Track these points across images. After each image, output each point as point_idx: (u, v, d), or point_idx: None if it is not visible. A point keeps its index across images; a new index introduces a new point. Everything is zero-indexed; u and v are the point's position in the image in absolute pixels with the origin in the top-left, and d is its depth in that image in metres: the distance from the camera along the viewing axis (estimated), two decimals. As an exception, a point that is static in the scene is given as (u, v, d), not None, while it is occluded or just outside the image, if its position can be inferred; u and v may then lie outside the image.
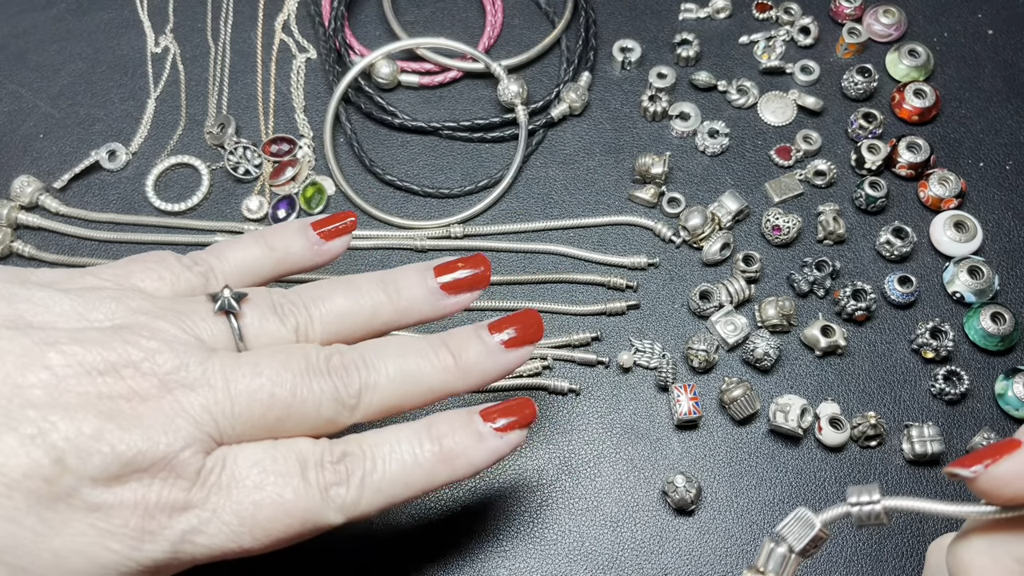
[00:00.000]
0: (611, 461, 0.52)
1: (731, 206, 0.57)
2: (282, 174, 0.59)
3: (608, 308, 0.55)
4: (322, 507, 0.38)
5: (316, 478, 0.38)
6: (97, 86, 0.64)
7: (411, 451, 0.40)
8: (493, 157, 0.61)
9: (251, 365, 0.39)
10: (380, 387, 0.41)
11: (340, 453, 0.39)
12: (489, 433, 0.42)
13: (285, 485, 0.38)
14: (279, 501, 0.37)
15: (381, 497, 0.40)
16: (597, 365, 0.54)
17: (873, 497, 0.35)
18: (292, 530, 0.38)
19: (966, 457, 0.33)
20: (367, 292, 0.43)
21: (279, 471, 0.38)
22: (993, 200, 0.59)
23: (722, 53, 0.64)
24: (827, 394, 0.53)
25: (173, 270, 0.42)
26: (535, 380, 0.53)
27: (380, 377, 0.41)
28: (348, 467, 0.39)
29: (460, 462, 0.41)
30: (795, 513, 0.36)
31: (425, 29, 0.65)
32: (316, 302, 0.42)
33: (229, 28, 0.66)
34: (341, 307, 0.43)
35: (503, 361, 0.43)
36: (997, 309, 0.54)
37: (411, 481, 0.40)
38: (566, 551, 0.50)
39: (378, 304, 0.43)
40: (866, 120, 0.60)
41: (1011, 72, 0.64)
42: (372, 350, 0.42)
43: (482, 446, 0.41)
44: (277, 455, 0.38)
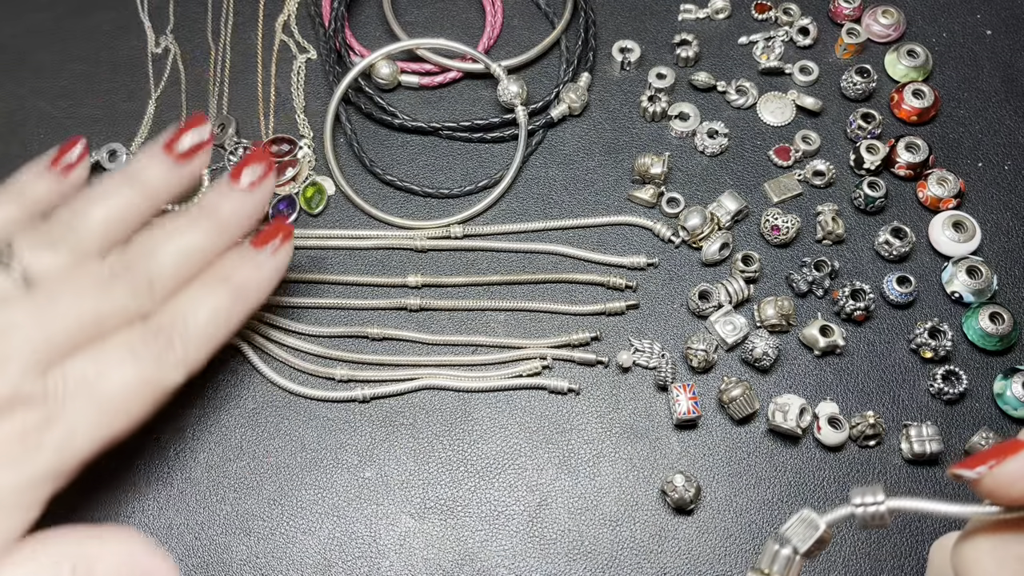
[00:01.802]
0: (610, 460, 0.52)
1: (730, 206, 0.57)
2: (282, 174, 0.59)
3: (607, 308, 0.55)
4: (161, 372, 0.45)
5: (145, 352, 0.44)
6: (98, 86, 0.64)
7: (209, 298, 0.47)
8: (493, 157, 0.61)
9: (47, 297, 0.44)
10: (165, 272, 0.47)
11: (155, 326, 0.45)
12: (264, 258, 0.49)
13: (124, 368, 0.44)
14: (124, 382, 0.43)
15: (203, 343, 0.47)
16: (596, 365, 0.54)
17: (877, 498, 0.35)
18: (147, 401, 0.45)
19: (970, 459, 0.33)
20: (117, 193, 0.48)
21: (114, 359, 0.44)
22: (992, 200, 0.59)
23: (721, 54, 0.64)
24: (826, 394, 0.53)
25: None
26: (535, 380, 0.53)
27: (162, 264, 0.46)
28: (166, 334, 0.45)
29: (250, 290, 0.49)
30: (799, 514, 0.36)
31: (425, 30, 0.66)
32: (77, 221, 0.47)
33: (229, 29, 0.66)
34: (100, 216, 0.47)
35: (254, 200, 0.50)
36: (996, 309, 0.54)
37: (219, 323, 0.47)
38: (566, 550, 0.50)
39: (130, 200, 0.48)
40: (865, 120, 0.60)
41: (1010, 72, 0.64)
42: (145, 242, 0.47)
43: (263, 271, 0.49)
44: (106, 349, 0.44)
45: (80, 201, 0.48)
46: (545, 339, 0.55)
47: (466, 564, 0.49)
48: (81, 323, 0.44)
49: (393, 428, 0.53)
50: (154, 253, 0.47)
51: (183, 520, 0.50)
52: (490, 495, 0.51)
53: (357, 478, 0.52)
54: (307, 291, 0.57)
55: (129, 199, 0.48)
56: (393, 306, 0.56)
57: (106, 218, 0.47)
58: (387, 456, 0.52)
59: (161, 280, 0.46)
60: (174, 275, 0.47)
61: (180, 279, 0.47)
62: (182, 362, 0.46)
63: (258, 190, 0.50)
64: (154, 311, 0.46)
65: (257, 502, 0.51)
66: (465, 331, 0.55)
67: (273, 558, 0.50)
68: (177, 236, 0.47)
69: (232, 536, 0.50)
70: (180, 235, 0.47)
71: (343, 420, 0.53)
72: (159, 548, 0.42)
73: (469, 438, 0.53)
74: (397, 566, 0.49)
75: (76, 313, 0.44)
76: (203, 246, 0.48)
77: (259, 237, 0.50)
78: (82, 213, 0.47)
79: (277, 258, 0.50)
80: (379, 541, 0.50)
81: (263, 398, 0.54)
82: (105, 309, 0.44)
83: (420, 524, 0.50)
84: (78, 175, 0.51)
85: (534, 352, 0.54)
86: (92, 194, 0.48)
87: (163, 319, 0.46)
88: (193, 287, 0.47)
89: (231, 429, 0.53)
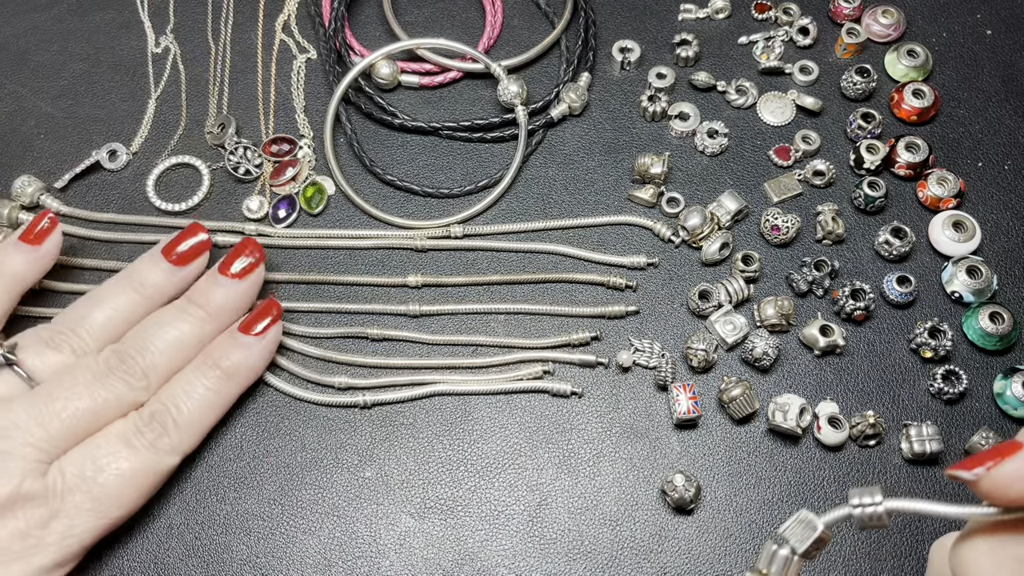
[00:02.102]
0: (610, 460, 0.52)
1: (730, 206, 0.57)
2: (282, 174, 0.59)
3: (607, 312, 0.55)
4: (157, 459, 0.47)
5: (140, 442, 0.47)
6: (98, 86, 0.64)
7: (201, 384, 0.49)
8: (493, 157, 0.61)
9: (46, 394, 0.46)
10: (158, 362, 0.49)
11: (148, 414, 0.47)
12: (253, 341, 0.51)
13: (120, 459, 0.46)
14: (121, 473, 0.46)
15: (197, 428, 0.49)
16: (596, 366, 0.54)
17: (875, 499, 0.35)
18: (144, 488, 0.47)
19: (967, 460, 0.33)
20: (118, 296, 0.50)
21: (108, 452, 0.46)
22: (992, 200, 0.59)
23: (721, 53, 0.64)
24: (826, 393, 0.53)
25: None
26: (536, 383, 0.53)
27: (155, 354, 0.49)
28: (160, 421, 0.47)
29: (242, 372, 0.50)
30: (797, 515, 0.36)
31: (425, 30, 0.66)
32: (79, 323, 0.49)
33: (229, 28, 0.66)
34: (102, 318, 0.50)
35: (242, 291, 0.51)
36: (995, 309, 0.54)
37: (212, 406, 0.49)
38: (566, 550, 0.50)
39: (131, 302, 0.50)
40: (865, 120, 0.60)
41: (1010, 72, 0.64)
42: (138, 336, 0.49)
43: (252, 353, 0.50)
44: (101, 443, 0.46)
45: (84, 305, 0.50)
46: (545, 338, 0.55)
47: (466, 564, 0.49)
48: (79, 418, 0.46)
49: (393, 428, 0.53)
50: (147, 345, 0.49)
51: (183, 520, 0.50)
52: (490, 495, 0.51)
53: (357, 478, 0.52)
54: (307, 293, 0.57)
55: (130, 301, 0.51)
56: (394, 311, 0.56)
57: (109, 319, 0.50)
58: (387, 456, 0.52)
59: (156, 371, 0.48)
60: (168, 365, 0.49)
61: (174, 368, 0.49)
62: (176, 448, 0.48)
63: (248, 279, 0.52)
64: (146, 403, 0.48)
65: (257, 502, 0.51)
66: (465, 331, 0.55)
67: (273, 558, 0.50)
68: (169, 327, 0.49)
69: (232, 536, 0.50)
70: (172, 326, 0.50)
71: (343, 420, 0.53)
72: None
73: (469, 438, 0.53)
74: (397, 566, 0.49)
75: (74, 408, 0.46)
76: (195, 335, 0.50)
77: (247, 321, 0.51)
78: (86, 316, 0.50)
79: (266, 339, 0.51)
80: (379, 541, 0.50)
81: (263, 398, 0.54)
82: (102, 402, 0.47)
83: (420, 524, 0.50)
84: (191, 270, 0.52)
85: (535, 356, 0.54)
86: (95, 297, 0.51)
87: (156, 406, 0.48)
88: (185, 373, 0.49)
89: (231, 429, 0.53)
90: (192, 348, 0.50)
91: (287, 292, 0.57)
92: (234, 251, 0.52)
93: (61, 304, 0.53)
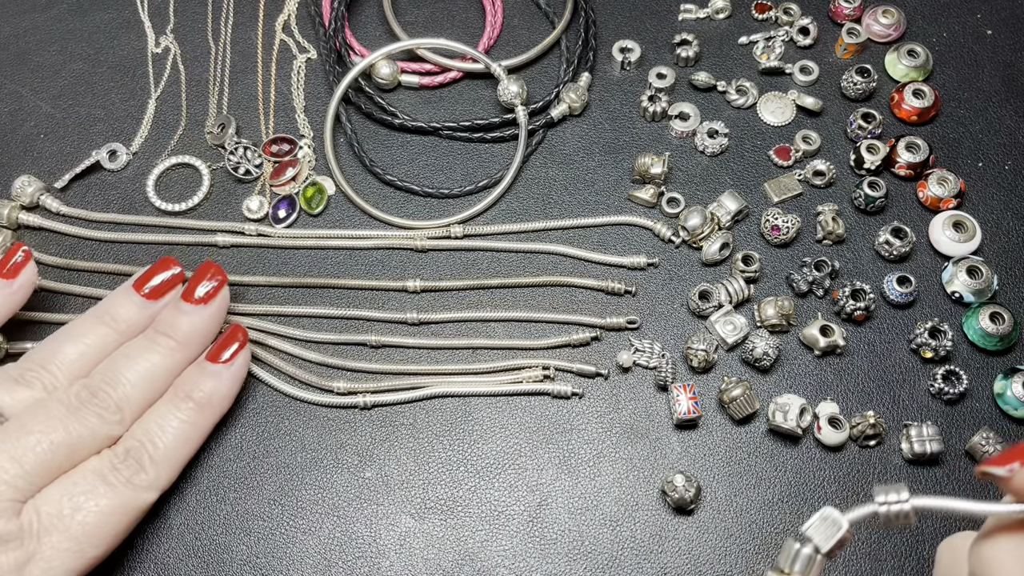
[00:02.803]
0: (610, 461, 0.52)
1: (730, 206, 0.57)
2: (282, 174, 0.59)
3: (607, 323, 0.55)
4: (134, 495, 0.46)
5: (117, 478, 0.45)
6: (98, 86, 0.64)
7: (175, 417, 0.48)
8: (493, 157, 0.61)
9: (18, 428, 0.45)
10: (131, 395, 0.48)
11: (123, 451, 0.47)
12: (222, 368, 0.50)
13: (97, 497, 0.45)
14: (98, 511, 0.45)
15: (173, 463, 0.48)
16: (596, 377, 0.54)
17: (901, 496, 0.34)
18: (122, 526, 0.46)
19: (999, 456, 0.33)
20: (90, 331, 0.50)
21: (85, 490, 0.45)
22: (992, 200, 0.59)
23: (721, 53, 0.64)
24: (826, 394, 0.53)
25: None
26: (537, 387, 0.53)
27: (126, 386, 0.48)
28: (136, 457, 0.46)
29: (215, 402, 0.50)
30: (821, 513, 0.35)
31: (425, 30, 0.66)
32: (50, 359, 0.48)
33: (229, 28, 0.66)
34: (73, 354, 0.49)
35: (208, 316, 0.51)
36: (996, 309, 0.54)
37: (188, 438, 0.49)
38: (566, 550, 0.50)
39: (103, 337, 0.50)
40: (865, 120, 0.60)
41: (1010, 72, 0.64)
42: (109, 369, 0.48)
43: (223, 381, 0.50)
44: (77, 479, 0.45)
45: (54, 341, 0.49)
46: (545, 339, 0.55)
47: (466, 564, 0.49)
48: (54, 452, 0.45)
49: (393, 428, 0.53)
50: (118, 378, 0.48)
51: (183, 520, 0.50)
52: (490, 495, 0.51)
53: (357, 478, 0.52)
54: (306, 296, 0.57)
55: (102, 337, 0.50)
56: (393, 319, 0.55)
57: (80, 355, 0.49)
58: (387, 456, 0.52)
59: (129, 403, 0.48)
60: (141, 397, 0.48)
61: (147, 400, 0.49)
62: (154, 484, 0.47)
63: (213, 303, 0.51)
64: (120, 439, 0.47)
65: (257, 502, 0.51)
66: (465, 333, 0.55)
67: (273, 558, 0.50)
68: (139, 359, 0.49)
69: (232, 536, 0.50)
70: (142, 358, 0.49)
71: (343, 420, 0.53)
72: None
73: (469, 438, 0.53)
74: (397, 566, 0.49)
75: (49, 443, 0.45)
76: (165, 365, 0.49)
77: (214, 349, 0.50)
78: (57, 352, 0.49)
79: (235, 366, 0.50)
80: (379, 541, 0.50)
81: (263, 398, 0.54)
82: (76, 436, 0.45)
83: (420, 524, 0.50)
84: (163, 303, 0.51)
85: (536, 361, 0.54)
86: (66, 333, 0.50)
87: (131, 443, 0.47)
88: (158, 407, 0.49)
89: (231, 430, 0.53)
90: (164, 379, 0.49)
91: (286, 296, 0.57)
92: (195, 276, 0.51)
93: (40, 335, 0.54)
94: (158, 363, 0.49)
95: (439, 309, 0.56)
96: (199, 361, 0.50)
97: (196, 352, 0.51)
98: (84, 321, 0.50)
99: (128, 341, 0.50)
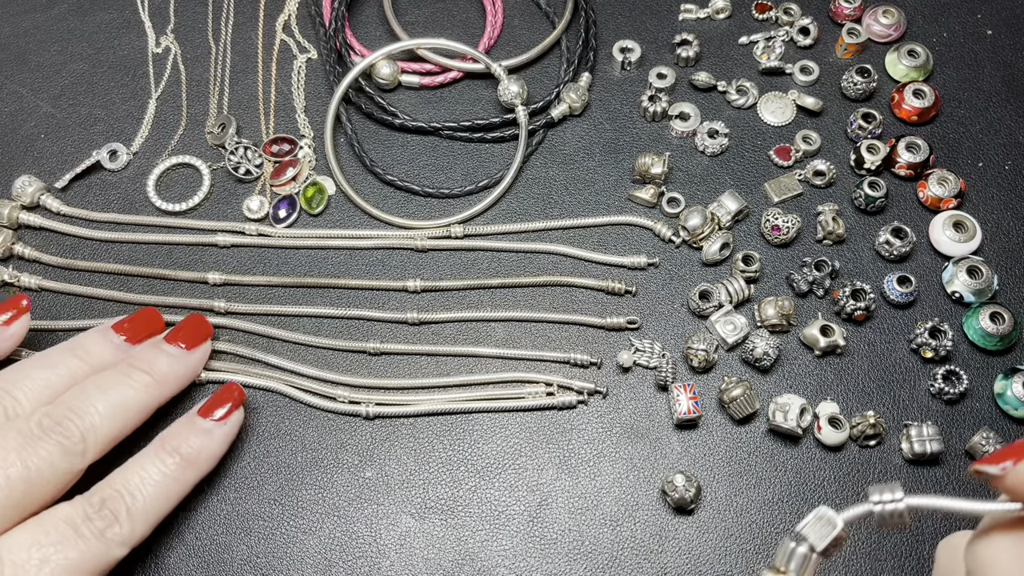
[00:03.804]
0: (611, 460, 0.52)
1: (731, 206, 0.57)
2: (283, 174, 0.59)
3: (607, 323, 0.55)
4: (105, 550, 0.43)
5: (89, 530, 0.43)
6: (98, 86, 0.64)
7: (158, 470, 0.45)
8: (493, 157, 0.61)
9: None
10: (97, 425, 0.45)
11: (99, 501, 0.44)
12: (213, 426, 0.48)
13: (67, 548, 0.42)
14: (67, 564, 0.42)
15: (150, 518, 0.45)
16: (595, 395, 0.53)
17: (896, 495, 0.34)
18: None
19: (992, 455, 0.33)
20: (62, 363, 0.47)
21: (55, 540, 0.42)
22: (992, 200, 0.59)
23: (722, 53, 0.64)
24: (826, 393, 0.53)
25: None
26: (541, 401, 0.53)
27: (94, 417, 0.45)
28: (112, 508, 0.44)
29: (202, 459, 0.47)
30: (816, 512, 0.35)
31: (425, 30, 0.66)
32: (16, 384, 0.46)
33: (230, 28, 0.66)
34: (41, 381, 0.46)
35: (190, 361, 0.50)
36: (996, 309, 0.54)
37: (169, 494, 0.46)
38: (566, 550, 0.50)
39: (74, 369, 0.47)
40: (865, 120, 0.60)
41: (1010, 72, 0.64)
42: (76, 397, 0.45)
43: (213, 439, 0.48)
44: (47, 527, 0.42)
45: (22, 366, 0.47)
46: (545, 352, 0.55)
47: (466, 564, 0.49)
48: (9, 483, 0.42)
49: (393, 428, 0.53)
50: (86, 407, 0.45)
51: (183, 520, 0.50)
52: (490, 495, 0.51)
53: (358, 478, 0.52)
54: (307, 296, 0.57)
55: (73, 369, 0.47)
56: (393, 319, 0.55)
57: (47, 384, 0.46)
58: (387, 456, 0.52)
59: (94, 433, 0.45)
60: (109, 429, 0.45)
61: (114, 434, 0.46)
62: (127, 540, 0.44)
63: (195, 351, 0.50)
64: (96, 486, 0.45)
65: (258, 502, 0.51)
66: (465, 333, 0.55)
67: (273, 558, 0.50)
68: (110, 390, 0.46)
69: (232, 536, 0.50)
70: (114, 389, 0.46)
71: (343, 421, 0.53)
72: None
73: (469, 438, 0.53)
74: (397, 566, 0.49)
75: (5, 476, 0.42)
76: (139, 401, 0.47)
77: (208, 404, 0.49)
78: (25, 378, 0.46)
79: (228, 425, 0.48)
80: (379, 541, 0.50)
81: (264, 398, 0.54)
82: (35, 464, 0.43)
83: (420, 524, 0.50)
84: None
85: (539, 377, 0.53)
86: (35, 360, 0.47)
87: (107, 492, 0.44)
88: (140, 458, 0.46)
89: (231, 429, 0.53)
90: (135, 414, 0.47)
91: (286, 296, 0.57)
92: (181, 325, 0.50)
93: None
94: (131, 397, 0.46)
95: (439, 309, 0.56)
96: (189, 415, 0.48)
97: (170, 394, 0.49)
98: (56, 351, 0.48)
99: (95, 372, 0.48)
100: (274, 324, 0.56)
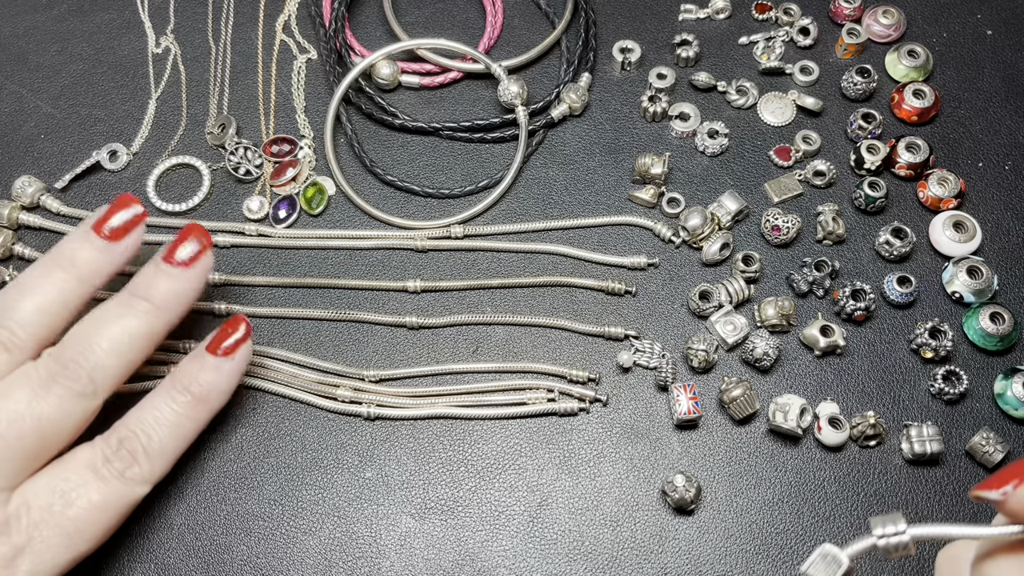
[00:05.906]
0: (611, 461, 0.52)
1: (731, 206, 0.57)
2: (283, 174, 0.59)
3: (607, 332, 0.55)
4: (127, 489, 0.44)
5: (109, 471, 0.44)
6: (98, 87, 0.64)
7: (171, 410, 0.46)
8: (493, 157, 0.61)
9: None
10: (104, 363, 0.44)
11: (116, 441, 0.44)
12: (222, 361, 0.47)
13: (89, 491, 0.43)
14: (90, 505, 0.43)
15: (167, 457, 0.46)
16: (594, 403, 0.53)
17: (899, 527, 0.34)
18: (114, 519, 0.44)
19: (992, 478, 0.33)
20: (46, 278, 0.45)
21: (77, 483, 0.43)
22: (992, 200, 0.59)
23: (722, 54, 0.64)
24: (826, 394, 0.53)
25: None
26: (544, 407, 0.53)
27: (99, 355, 0.44)
28: (129, 448, 0.44)
29: (212, 396, 0.47)
30: (820, 550, 0.35)
31: (425, 30, 0.66)
32: (7, 313, 0.44)
33: (230, 29, 0.66)
34: (32, 305, 0.44)
35: (190, 278, 0.47)
36: (996, 309, 0.54)
37: (185, 432, 0.46)
38: (566, 551, 0.50)
39: (61, 283, 0.45)
40: (865, 120, 0.60)
41: (1010, 72, 0.64)
42: (79, 336, 0.44)
43: (222, 374, 0.47)
44: (68, 472, 0.43)
45: (7, 294, 0.45)
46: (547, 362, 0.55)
47: (466, 564, 0.49)
48: (23, 431, 0.42)
49: (393, 428, 0.53)
50: (90, 346, 0.44)
51: (183, 520, 0.50)
52: (490, 495, 0.51)
53: (358, 478, 0.52)
54: (307, 297, 0.57)
55: (61, 285, 0.45)
56: (393, 323, 0.55)
57: (38, 308, 0.44)
58: (387, 456, 0.52)
59: (103, 371, 0.44)
60: (116, 365, 0.45)
61: (123, 368, 0.45)
62: (147, 477, 0.45)
63: (195, 266, 0.47)
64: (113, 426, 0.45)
65: (258, 502, 0.51)
66: (465, 333, 0.55)
67: (274, 558, 0.50)
68: (111, 324, 0.45)
69: (232, 536, 0.50)
70: (115, 323, 0.45)
71: (344, 421, 0.53)
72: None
73: (469, 438, 0.53)
74: (398, 566, 0.49)
75: (17, 431, 0.42)
76: (143, 330, 0.45)
77: (215, 340, 0.47)
78: (13, 305, 0.44)
79: (236, 359, 0.47)
80: (380, 541, 0.50)
81: (264, 398, 0.54)
82: (47, 412, 0.43)
83: (421, 524, 0.50)
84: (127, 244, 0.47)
85: (540, 383, 0.53)
86: (19, 285, 0.45)
87: (123, 432, 0.45)
88: (152, 398, 0.46)
89: (232, 430, 0.53)
90: (142, 346, 0.45)
91: (285, 297, 0.57)
92: (179, 237, 0.47)
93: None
94: (135, 327, 0.45)
95: (439, 309, 0.56)
96: (197, 351, 0.48)
97: (175, 319, 0.47)
98: (38, 268, 0.45)
99: (90, 290, 0.46)
100: (275, 327, 0.56)
